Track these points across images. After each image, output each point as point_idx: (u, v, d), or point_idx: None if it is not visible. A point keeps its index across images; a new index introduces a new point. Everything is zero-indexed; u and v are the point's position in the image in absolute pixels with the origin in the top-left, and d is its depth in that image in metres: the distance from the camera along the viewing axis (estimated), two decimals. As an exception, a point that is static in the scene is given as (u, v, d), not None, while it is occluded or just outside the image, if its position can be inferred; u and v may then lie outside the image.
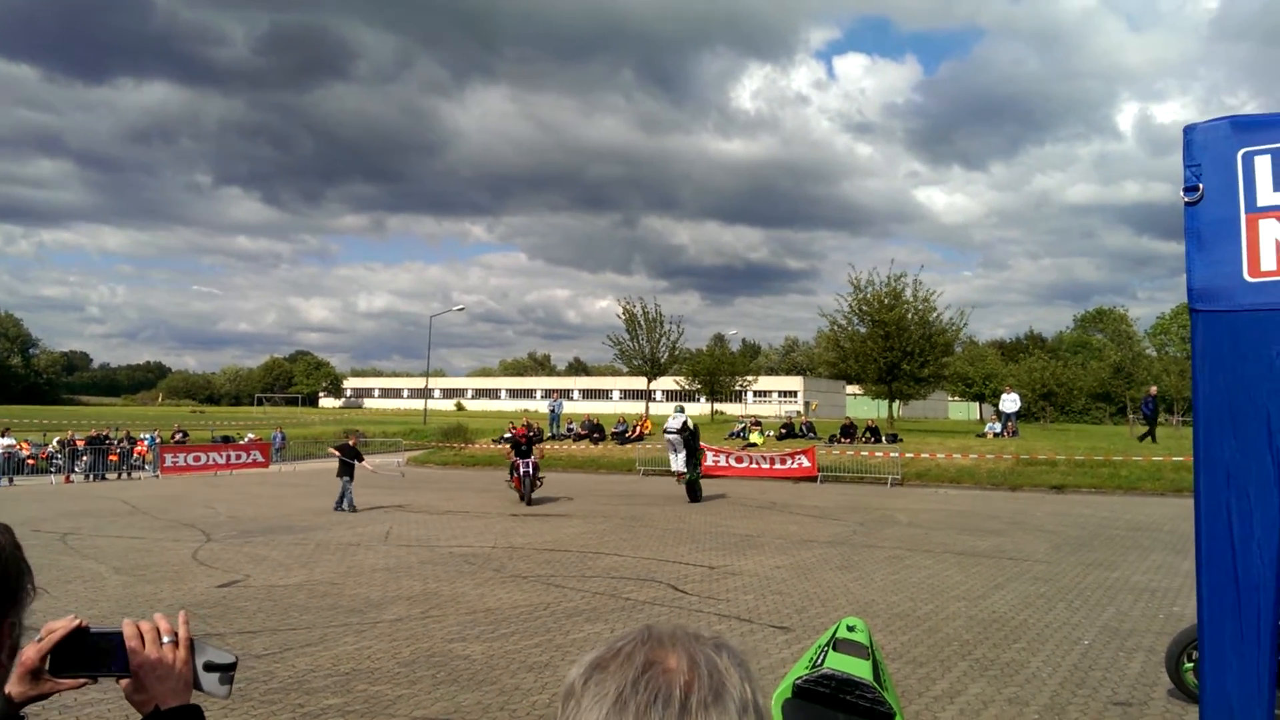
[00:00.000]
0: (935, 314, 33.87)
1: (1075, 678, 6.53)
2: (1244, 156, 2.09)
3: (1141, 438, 27.94)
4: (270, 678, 6.48)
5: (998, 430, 30.59)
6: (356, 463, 18.17)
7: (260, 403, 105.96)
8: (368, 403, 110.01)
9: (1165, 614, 8.50)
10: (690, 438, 19.60)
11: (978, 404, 64.61)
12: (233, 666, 1.39)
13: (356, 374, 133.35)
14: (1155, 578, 10.39)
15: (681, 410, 21.33)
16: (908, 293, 33.78)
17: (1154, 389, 31.91)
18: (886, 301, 33.66)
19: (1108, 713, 5.79)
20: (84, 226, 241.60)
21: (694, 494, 19.22)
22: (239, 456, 30.23)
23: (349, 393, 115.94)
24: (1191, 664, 5.88)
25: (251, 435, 35.87)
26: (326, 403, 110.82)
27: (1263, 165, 2.07)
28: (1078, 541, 13.32)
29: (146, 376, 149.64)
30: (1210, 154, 2.13)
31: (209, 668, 1.35)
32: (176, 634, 1.34)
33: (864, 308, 34.25)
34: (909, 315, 33.53)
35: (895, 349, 33.00)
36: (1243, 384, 2.11)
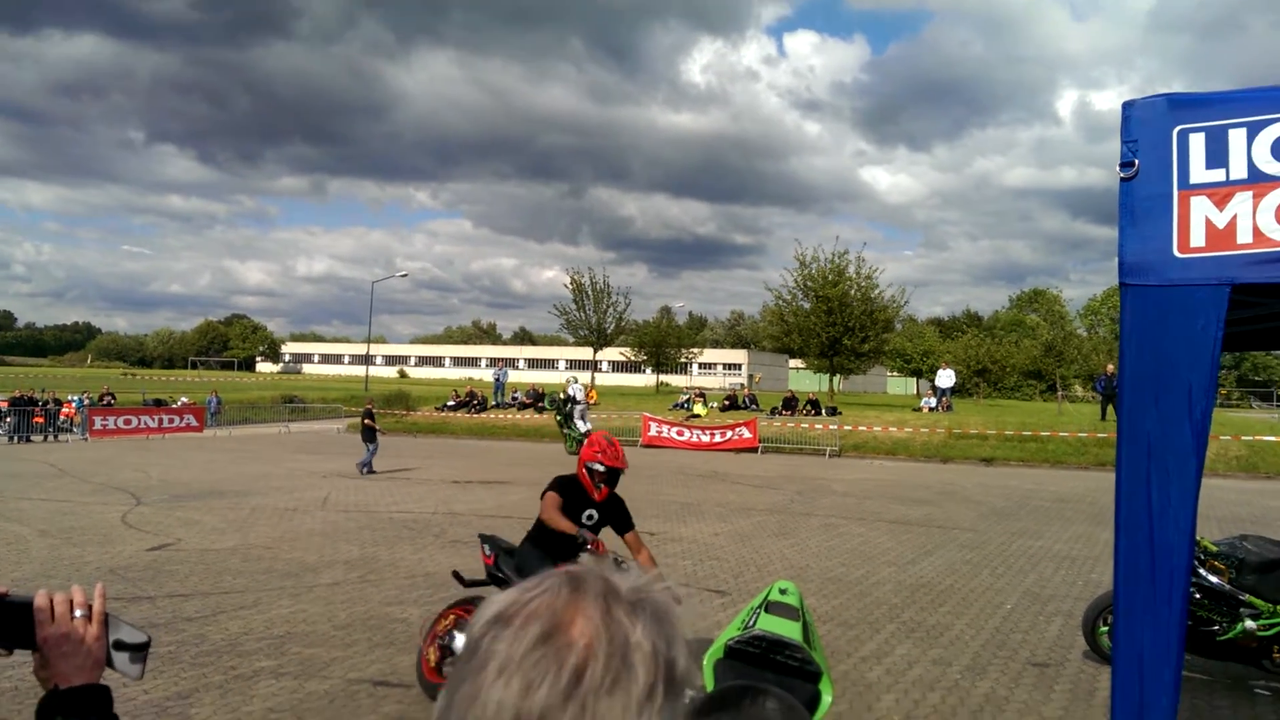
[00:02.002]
0: (877, 291, 34.45)
1: (997, 640, 6.78)
2: (1179, 134, 2.15)
3: (1104, 416, 28.70)
4: (202, 640, 6.37)
5: (933, 405, 31.34)
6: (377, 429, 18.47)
7: (194, 366, 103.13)
8: (307, 368, 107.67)
9: (1084, 580, 8.86)
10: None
11: (915, 379, 66.04)
12: (145, 646, 1.32)
13: (295, 339, 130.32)
14: (1076, 546, 10.81)
15: (576, 380, 25.03)
16: (851, 270, 34.29)
17: (1110, 367, 32.87)
18: (830, 278, 34.10)
19: (1026, 673, 6.03)
20: (7, 181, 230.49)
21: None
22: (172, 420, 29.43)
23: (287, 358, 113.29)
24: (1107, 628, 6.15)
25: (185, 399, 34.92)
26: (264, 367, 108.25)
27: (1197, 143, 2.13)
28: (1004, 511, 13.77)
29: (74, 338, 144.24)
30: (1147, 130, 2.18)
31: (119, 646, 1.28)
32: (91, 607, 1.26)
33: (808, 284, 34.66)
34: (852, 292, 34.04)
35: (837, 324, 33.50)
36: (1167, 358, 2.18)
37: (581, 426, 24.11)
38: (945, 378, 32.06)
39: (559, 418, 24.83)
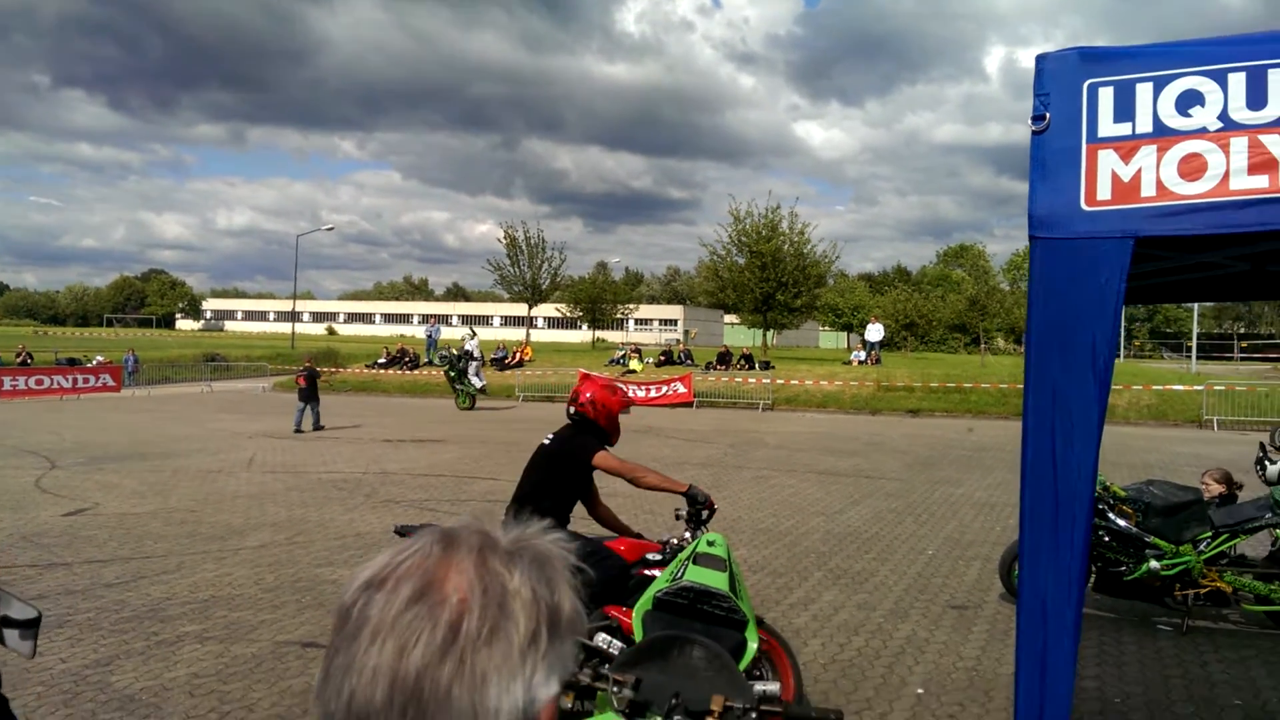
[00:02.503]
0: (809, 247, 34.82)
1: (919, 584, 7.03)
2: (1089, 87, 2.18)
3: None
4: (122, 606, 6.20)
5: (862, 358, 32.00)
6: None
7: (110, 324, 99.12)
8: (230, 325, 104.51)
9: (1001, 526, 9.22)
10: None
11: (846, 334, 67.30)
12: (36, 622, 1.27)
13: (217, 295, 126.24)
14: (995, 494, 11.23)
15: (474, 335, 25.70)
16: (784, 225, 34.57)
17: None
18: (764, 233, 34.34)
19: (945, 615, 6.27)
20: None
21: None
22: (87, 380, 28.30)
23: (209, 314, 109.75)
24: (1021, 570, 6.43)
25: (101, 358, 33.59)
26: (184, 325, 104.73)
27: (1105, 96, 2.16)
28: (928, 461, 14.21)
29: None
30: (1058, 84, 2.21)
31: (7, 622, 1.23)
32: None
33: (743, 239, 34.84)
34: (785, 247, 34.35)
35: (771, 280, 33.82)
36: (1073, 309, 2.24)
37: (476, 383, 23.89)
38: (874, 332, 32.72)
39: (451, 373, 24.01)
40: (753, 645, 3.39)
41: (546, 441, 4.84)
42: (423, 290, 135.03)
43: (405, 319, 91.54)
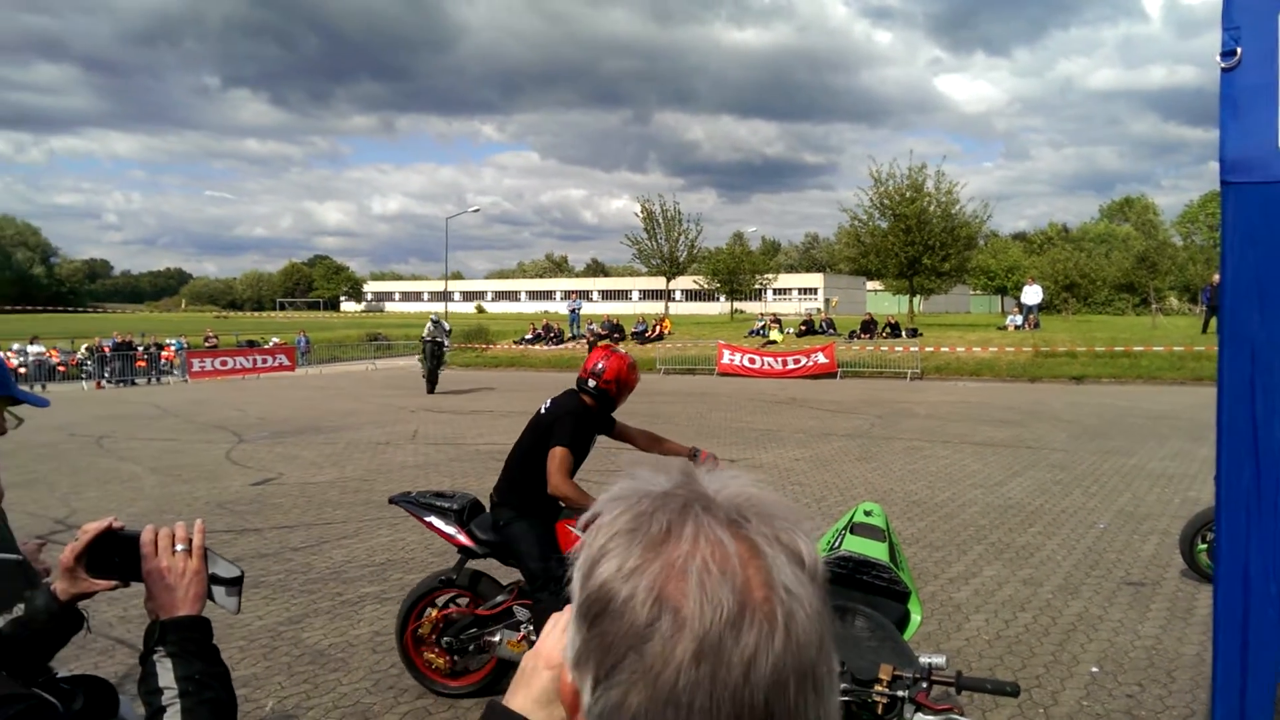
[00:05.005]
0: (957, 207, 33.26)
1: (1089, 560, 6.67)
2: (1289, 18, 1.99)
3: (1206, 329, 27.48)
4: (309, 569, 6.75)
5: (1019, 323, 30.41)
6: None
7: (282, 307, 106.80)
8: (389, 306, 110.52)
9: (1181, 498, 8.61)
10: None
11: (1000, 297, 64.02)
12: (239, 580, 1.36)
13: (375, 278, 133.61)
14: (1172, 464, 10.48)
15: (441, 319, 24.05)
16: (929, 185, 33.14)
17: (1216, 277, 31.33)
18: (908, 195, 33.03)
19: (1120, 592, 5.93)
20: (93, 132, 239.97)
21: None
22: (265, 360, 30.64)
23: (369, 296, 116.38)
24: (1205, 545, 5.99)
25: (276, 339, 36.28)
26: (348, 306, 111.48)
27: (1308, 28, 1.97)
28: (1095, 430, 13.39)
29: (168, 283, 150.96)
30: (1250, 14, 2.02)
31: (214, 580, 1.33)
32: (191, 542, 1.31)
33: (885, 202, 33.66)
34: (931, 208, 32.95)
35: (916, 243, 32.56)
36: (1273, 258, 2.06)
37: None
38: (1032, 294, 30.99)
39: (429, 364, 21.62)
40: (916, 617, 3.33)
41: (543, 410, 4.66)
42: (563, 267, 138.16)
43: (548, 295, 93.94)
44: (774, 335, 30.22)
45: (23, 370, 26.02)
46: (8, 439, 2.03)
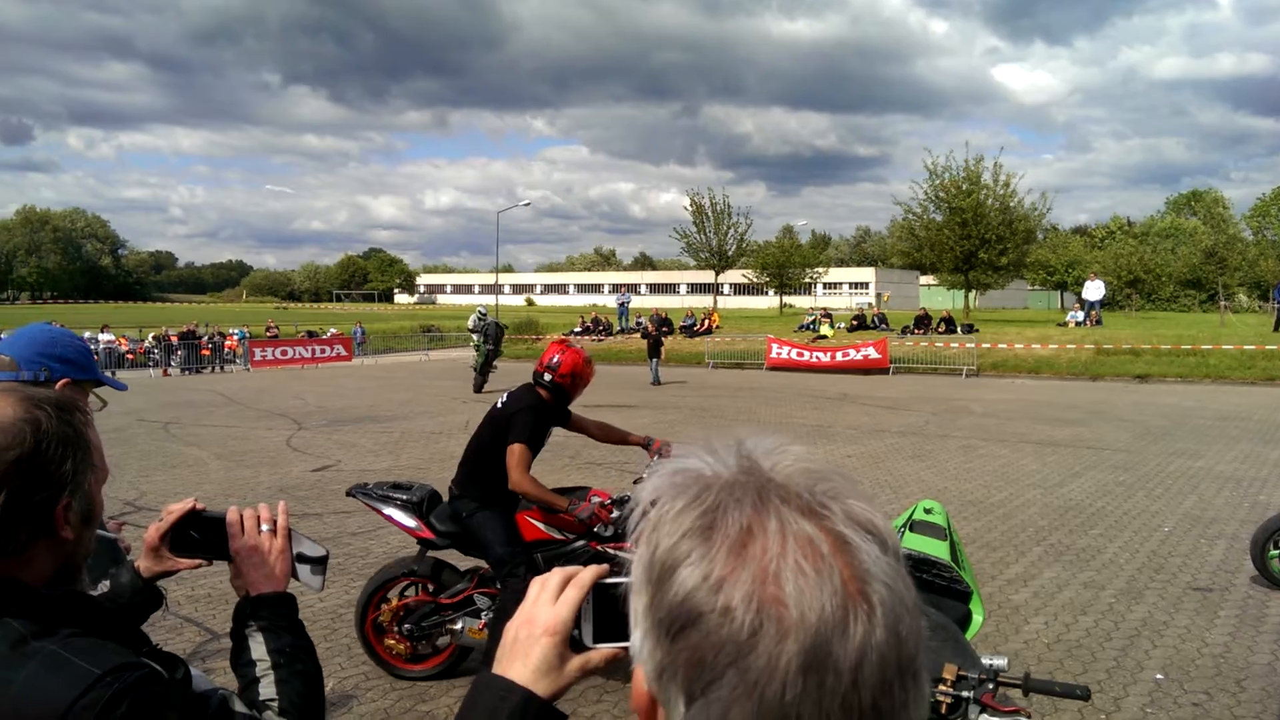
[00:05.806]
0: (1016, 199, 32.57)
1: (1154, 563, 6.50)
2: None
3: (1278, 327, 26.61)
4: (366, 553, 6.89)
5: (1080, 319, 29.69)
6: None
7: (338, 299, 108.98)
8: (441, 299, 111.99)
9: (1251, 503, 8.33)
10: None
11: (1059, 293, 62.56)
12: (324, 560, 1.41)
13: (428, 270, 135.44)
14: (1242, 467, 10.14)
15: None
16: (986, 177, 32.50)
17: None
18: (964, 187, 32.42)
19: (1186, 598, 5.77)
20: (159, 129, 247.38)
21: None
22: (323, 351, 31.29)
23: (422, 289, 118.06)
24: (1278, 551, 5.80)
25: (334, 330, 37.02)
26: (401, 299, 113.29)
27: None
28: (1160, 431, 13.02)
29: (230, 274, 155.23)
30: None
31: (301, 559, 1.38)
32: (276, 522, 1.36)
33: (940, 194, 33.09)
34: (988, 201, 32.32)
35: (973, 237, 31.96)
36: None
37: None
38: (1094, 290, 30.21)
39: (480, 367, 20.45)
40: (978, 618, 3.27)
41: (500, 404, 4.73)
42: (611, 261, 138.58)
43: (596, 289, 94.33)
44: (824, 330, 29.93)
45: (96, 357, 26.95)
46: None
